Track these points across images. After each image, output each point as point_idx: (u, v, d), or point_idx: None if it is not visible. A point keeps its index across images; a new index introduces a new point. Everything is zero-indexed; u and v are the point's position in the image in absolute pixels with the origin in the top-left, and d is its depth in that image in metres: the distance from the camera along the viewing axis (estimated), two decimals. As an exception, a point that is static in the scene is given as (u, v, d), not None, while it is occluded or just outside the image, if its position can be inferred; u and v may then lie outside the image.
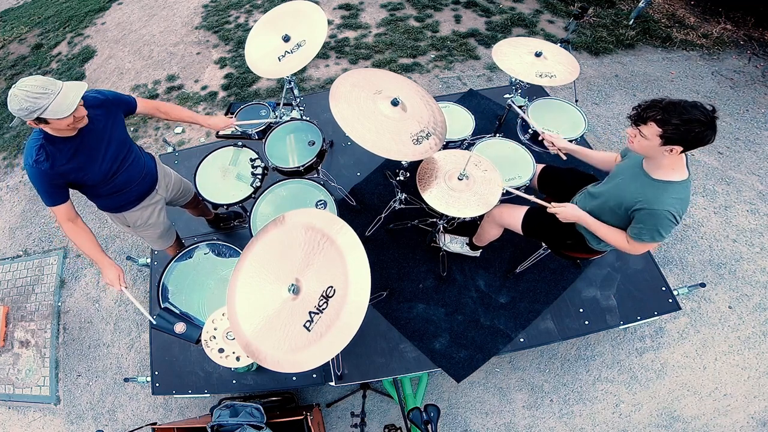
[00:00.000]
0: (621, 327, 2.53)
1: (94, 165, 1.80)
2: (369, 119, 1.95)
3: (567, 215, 1.86)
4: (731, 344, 2.87)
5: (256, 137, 2.71)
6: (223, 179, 2.49)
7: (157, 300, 2.08)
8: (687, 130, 1.43)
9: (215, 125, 2.42)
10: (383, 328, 2.53)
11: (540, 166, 2.33)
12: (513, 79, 3.10)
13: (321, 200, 2.28)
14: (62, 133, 1.66)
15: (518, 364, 2.87)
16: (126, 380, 2.74)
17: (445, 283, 2.66)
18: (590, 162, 2.11)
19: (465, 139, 2.54)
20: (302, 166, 2.35)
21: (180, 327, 1.93)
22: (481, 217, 2.42)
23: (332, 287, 1.45)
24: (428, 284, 2.67)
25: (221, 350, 1.84)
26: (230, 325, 1.58)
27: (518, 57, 2.55)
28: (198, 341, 1.90)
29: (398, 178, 2.44)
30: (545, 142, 2.19)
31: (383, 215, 2.79)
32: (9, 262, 3.64)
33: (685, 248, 3.24)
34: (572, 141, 2.47)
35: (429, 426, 1.69)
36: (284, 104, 2.93)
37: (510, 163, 2.39)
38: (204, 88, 4.54)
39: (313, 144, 2.50)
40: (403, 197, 2.70)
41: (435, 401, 2.76)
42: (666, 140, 1.47)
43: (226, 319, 1.85)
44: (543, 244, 2.34)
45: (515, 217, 2.16)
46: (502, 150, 2.49)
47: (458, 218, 2.54)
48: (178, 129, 4.20)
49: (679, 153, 1.51)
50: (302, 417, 2.19)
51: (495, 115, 3.39)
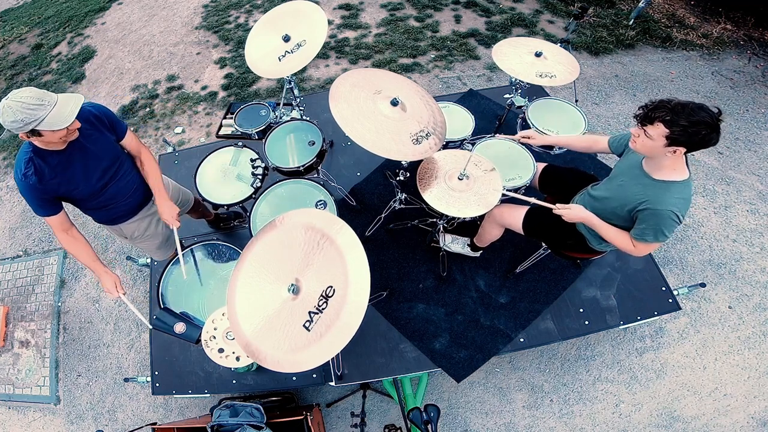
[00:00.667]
0: (621, 327, 2.53)
1: (82, 179, 1.76)
2: (369, 119, 1.95)
3: (573, 216, 1.85)
4: (731, 344, 2.87)
5: (256, 137, 2.71)
6: (224, 179, 2.49)
7: (157, 300, 2.08)
8: (694, 132, 1.43)
9: (161, 213, 2.05)
10: (383, 328, 2.53)
11: (541, 166, 2.33)
12: (513, 79, 3.10)
13: (321, 200, 2.28)
14: (52, 146, 1.63)
15: (518, 364, 2.86)
16: (126, 380, 2.74)
17: (445, 283, 2.66)
18: (572, 148, 2.14)
19: (465, 139, 2.54)
20: (302, 166, 2.35)
21: (180, 327, 1.93)
22: (482, 218, 2.42)
23: (332, 287, 1.45)
24: (428, 284, 2.67)
25: (221, 350, 1.84)
26: (230, 325, 1.58)
27: (518, 57, 2.55)
28: (198, 341, 1.90)
29: (398, 178, 2.44)
30: (522, 140, 2.23)
31: (383, 215, 2.79)
32: (9, 262, 3.64)
33: (685, 248, 3.24)
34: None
35: (429, 426, 1.69)
36: (284, 104, 2.93)
37: (510, 163, 2.39)
38: (204, 88, 4.54)
39: (313, 144, 2.50)
40: (403, 197, 2.70)
41: (435, 401, 2.76)
42: (671, 141, 1.47)
43: (226, 319, 1.85)
44: (543, 244, 2.34)
45: (516, 217, 2.16)
46: (502, 150, 2.48)
47: (458, 218, 2.54)
48: (178, 129, 4.20)
49: (682, 154, 1.51)
50: (302, 417, 2.19)
51: (495, 115, 3.39)
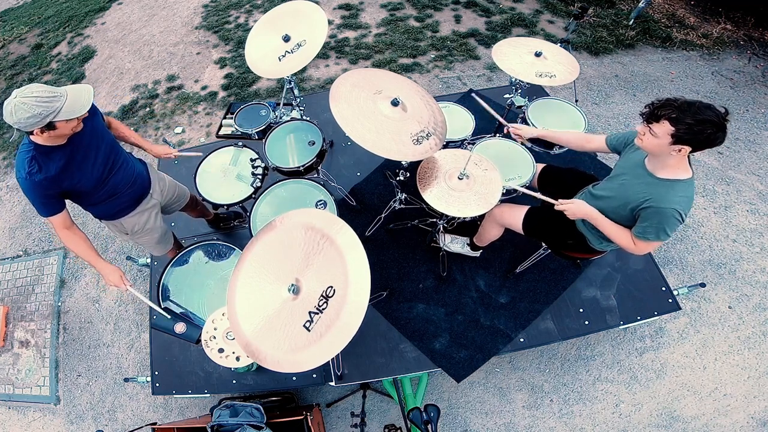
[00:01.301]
0: (621, 327, 2.53)
1: (86, 170, 1.78)
2: (369, 119, 1.94)
3: (575, 212, 1.83)
4: (731, 344, 2.87)
5: (256, 137, 2.71)
6: (224, 179, 2.49)
7: (157, 300, 2.08)
8: (699, 131, 1.43)
9: (157, 152, 2.28)
10: (383, 328, 2.52)
11: (540, 166, 2.33)
12: (513, 79, 3.10)
13: (321, 200, 2.28)
14: (56, 141, 1.65)
15: (518, 364, 2.87)
16: (126, 380, 2.74)
17: (445, 283, 2.66)
18: (562, 143, 2.16)
19: (465, 139, 2.54)
20: (302, 166, 2.35)
21: (180, 327, 1.93)
22: (482, 217, 2.42)
23: (332, 287, 1.45)
24: (428, 284, 2.67)
25: (221, 350, 1.84)
26: (230, 325, 1.58)
27: (518, 57, 2.55)
28: (198, 341, 1.90)
29: (398, 178, 2.44)
30: (512, 134, 2.25)
31: (383, 215, 2.79)
32: (9, 262, 3.64)
33: (685, 248, 3.24)
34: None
35: (429, 426, 1.69)
36: (284, 104, 2.93)
37: (510, 163, 2.39)
38: (204, 88, 4.54)
39: (313, 144, 2.50)
40: (403, 197, 2.70)
41: (435, 401, 2.76)
42: (677, 140, 1.47)
43: (226, 319, 1.85)
44: (543, 244, 2.34)
45: (516, 217, 2.16)
46: (502, 150, 2.48)
47: (458, 218, 2.54)
48: (178, 129, 4.20)
49: (686, 153, 1.51)
50: (302, 417, 2.19)
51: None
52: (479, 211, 1.97)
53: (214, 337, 1.86)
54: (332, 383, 2.36)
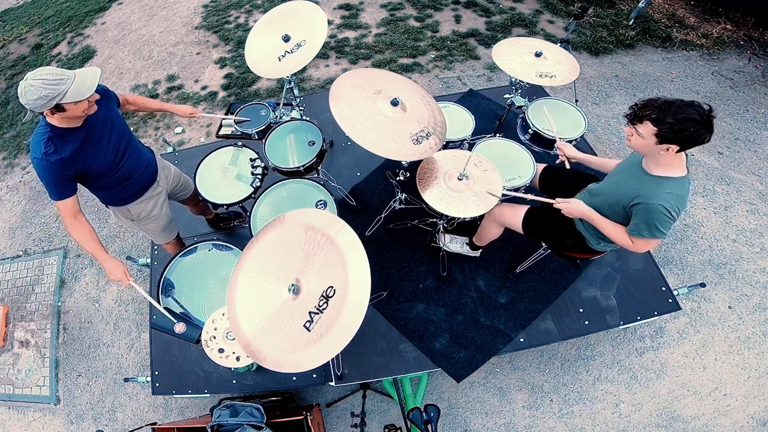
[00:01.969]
0: (621, 327, 2.53)
1: (101, 153, 1.83)
2: (369, 119, 1.95)
3: (572, 210, 1.85)
4: (731, 344, 2.87)
5: (256, 137, 2.71)
6: (223, 179, 2.49)
7: (157, 299, 2.08)
8: (681, 129, 1.43)
9: (183, 112, 2.40)
10: (383, 328, 2.53)
11: (540, 166, 2.33)
12: (513, 79, 3.10)
13: (321, 200, 2.28)
14: (71, 123, 1.70)
15: (518, 364, 2.87)
16: (126, 380, 2.74)
17: (445, 283, 2.66)
18: (595, 167, 2.13)
19: (465, 139, 2.54)
20: (302, 166, 2.35)
21: (180, 327, 1.93)
22: (482, 217, 2.42)
23: (332, 287, 1.45)
24: (428, 284, 2.67)
25: (221, 350, 1.84)
26: (230, 325, 1.58)
27: (518, 57, 2.55)
28: (198, 341, 1.90)
29: (398, 178, 2.44)
30: (558, 150, 2.20)
31: (383, 215, 2.79)
32: (9, 262, 3.64)
33: (685, 248, 3.24)
34: (572, 141, 2.48)
35: (429, 426, 1.69)
36: (284, 104, 2.93)
37: (510, 163, 2.39)
38: (204, 88, 4.54)
39: (313, 144, 2.50)
40: (403, 197, 2.70)
41: (435, 401, 2.76)
42: (661, 139, 1.48)
43: (226, 319, 1.85)
44: (543, 244, 2.34)
45: (516, 216, 2.16)
46: (503, 150, 2.48)
47: (458, 218, 2.54)
48: (178, 129, 4.20)
49: (676, 152, 1.51)
50: (302, 417, 2.19)
51: (495, 115, 3.39)
52: (479, 212, 1.97)
53: (214, 337, 1.86)
54: (332, 383, 2.36)
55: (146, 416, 2.86)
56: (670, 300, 2.56)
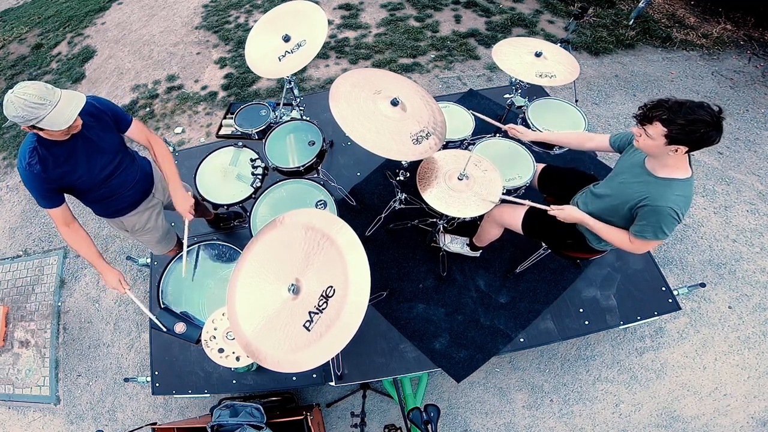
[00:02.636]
0: (621, 327, 2.53)
1: (85, 170, 1.77)
2: (369, 119, 1.95)
3: (567, 217, 1.87)
4: (731, 344, 2.87)
5: (256, 137, 2.71)
6: (224, 179, 2.49)
7: (157, 300, 2.08)
8: (692, 131, 1.43)
9: (176, 204, 2.06)
10: (383, 328, 2.52)
11: (540, 166, 2.33)
12: (513, 79, 3.10)
13: (321, 200, 2.28)
14: (55, 137, 1.64)
15: (518, 364, 2.86)
16: (126, 380, 2.74)
17: (445, 283, 2.66)
18: (562, 144, 2.19)
19: (465, 139, 2.54)
20: (302, 166, 2.35)
21: (180, 327, 1.93)
22: (481, 217, 2.42)
23: (332, 287, 1.45)
24: (428, 284, 2.67)
25: (221, 350, 1.85)
26: (230, 325, 1.58)
27: (518, 57, 2.55)
28: (198, 341, 1.90)
29: (398, 178, 2.44)
30: (510, 134, 2.27)
31: (383, 215, 2.79)
32: (9, 262, 3.64)
33: (685, 248, 3.24)
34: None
35: (429, 426, 1.69)
36: (284, 104, 2.93)
37: (510, 163, 2.39)
38: (204, 88, 4.54)
39: (313, 144, 2.50)
40: (403, 197, 2.70)
41: (435, 401, 2.76)
42: (671, 140, 1.48)
43: (226, 319, 1.85)
44: (543, 244, 2.34)
45: (515, 217, 2.16)
46: (502, 150, 2.48)
47: (458, 218, 2.54)
48: (178, 129, 4.20)
49: (684, 153, 1.51)
50: (302, 417, 2.19)
51: (495, 116, 3.37)
52: (479, 212, 1.97)
53: (214, 337, 1.87)
54: (332, 383, 2.36)
55: (146, 416, 2.86)
56: (670, 300, 2.56)
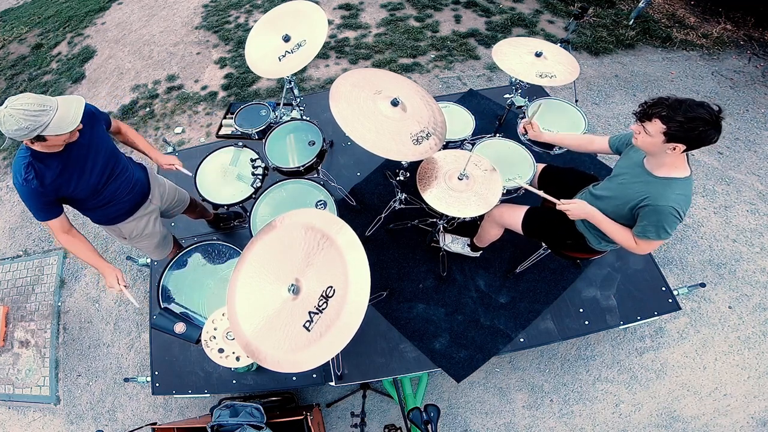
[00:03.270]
0: (621, 327, 2.53)
1: (83, 178, 1.76)
2: (369, 119, 1.94)
3: (577, 212, 1.83)
4: (731, 344, 2.87)
5: (256, 137, 2.71)
6: (224, 179, 2.49)
7: (157, 300, 2.08)
8: (690, 128, 1.43)
9: (161, 163, 2.17)
10: (383, 328, 2.52)
11: (540, 166, 2.33)
12: (513, 79, 3.10)
13: (321, 200, 2.28)
14: (52, 149, 1.63)
15: (518, 364, 2.86)
16: (126, 380, 2.74)
17: (445, 283, 2.66)
18: (567, 146, 2.18)
19: (465, 139, 2.54)
20: (302, 166, 2.35)
21: (180, 327, 1.93)
22: (482, 218, 2.42)
23: (332, 287, 1.45)
24: (428, 284, 2.67)
25: (221, 350, 1.84)
26: (230, 325, 1.58)
27: (518, 57, 2.55)
28: (198, 341, 1.90)
29: (398, 178, 2.44)
30: (525, 128, 2.27)
31: (383, 215, 2.79)
32: (9, 262, 3.64)
33: (685, 248, 3.24)
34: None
35: (429, 426, 1.69)
36: (284, 104, 2.93)
37: (510, 163, 2.39)
38: (204, 88, 4.54)
39: (313, 144, 2.50)
40: (403, 197, 2.70)
41: (435, 401, 2.76)
42: (669, 138, 1.48)
43: (226, 319, 1.85)
44: (543, 244, 2.34)
45: (515, 217, 2.16)
46: (502, 150, 2.48)
47: (458, 218, 2.54)
48: (178, 129, 4.20)
49: (682, 152, 1.51)
50: (302, 417, 2.19)
51: (495, 115, 3.39)
52: (479, 212, 1.97)
53: (214, 337, 1.86)
54: (332, 383, 2.36)
55: (146, 416, 2.86)
56: (670, 300, 2.56)
